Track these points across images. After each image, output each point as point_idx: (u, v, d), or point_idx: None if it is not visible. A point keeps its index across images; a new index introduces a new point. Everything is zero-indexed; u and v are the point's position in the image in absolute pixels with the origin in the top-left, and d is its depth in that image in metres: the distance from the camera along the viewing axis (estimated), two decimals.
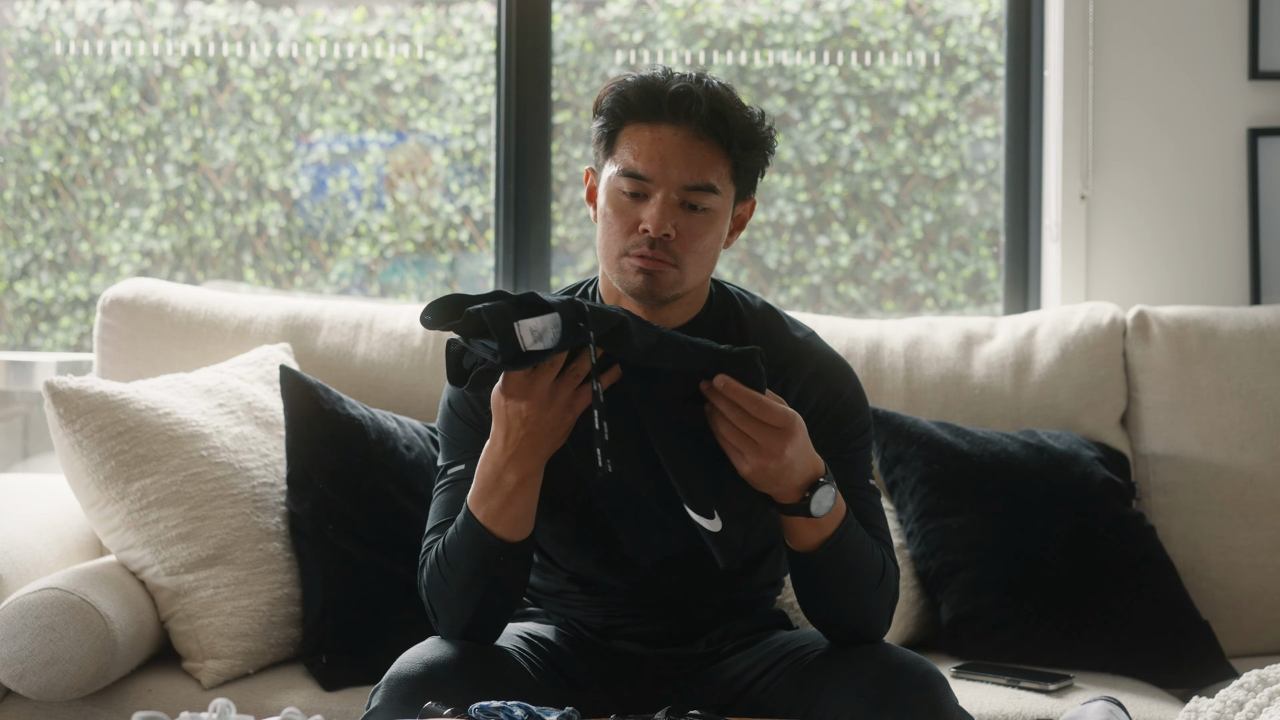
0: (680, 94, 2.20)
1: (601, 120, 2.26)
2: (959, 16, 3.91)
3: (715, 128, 2.21)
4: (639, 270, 2.21)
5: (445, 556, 2.18)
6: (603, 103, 2.26)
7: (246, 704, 2.64)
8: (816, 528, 2.14)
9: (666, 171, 2.20)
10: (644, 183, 2.21)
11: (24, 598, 2.61)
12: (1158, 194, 3.57)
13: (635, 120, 2.23)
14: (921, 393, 3.21)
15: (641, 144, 2.21)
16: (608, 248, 2.24)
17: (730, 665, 2.31)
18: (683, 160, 2.20)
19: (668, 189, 2.20)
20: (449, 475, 2.28)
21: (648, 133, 2.22)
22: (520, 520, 2.14)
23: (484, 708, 1.92)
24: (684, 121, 2.21)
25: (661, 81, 2.23)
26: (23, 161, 3.90)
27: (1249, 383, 3.21)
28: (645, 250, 2.20)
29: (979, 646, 2.92)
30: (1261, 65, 3.54)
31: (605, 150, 2.27)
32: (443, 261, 3.97)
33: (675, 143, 2.21)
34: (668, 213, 2.20)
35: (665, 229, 2.19)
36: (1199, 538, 3.15)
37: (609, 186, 2.24)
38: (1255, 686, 2.19)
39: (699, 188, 2.21)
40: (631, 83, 2.24)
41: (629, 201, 2.22)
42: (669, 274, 2.22)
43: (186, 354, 3.15)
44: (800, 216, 3.92)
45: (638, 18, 3.93)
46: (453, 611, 2.19)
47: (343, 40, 3.91)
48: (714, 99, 2.21)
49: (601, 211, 2.25)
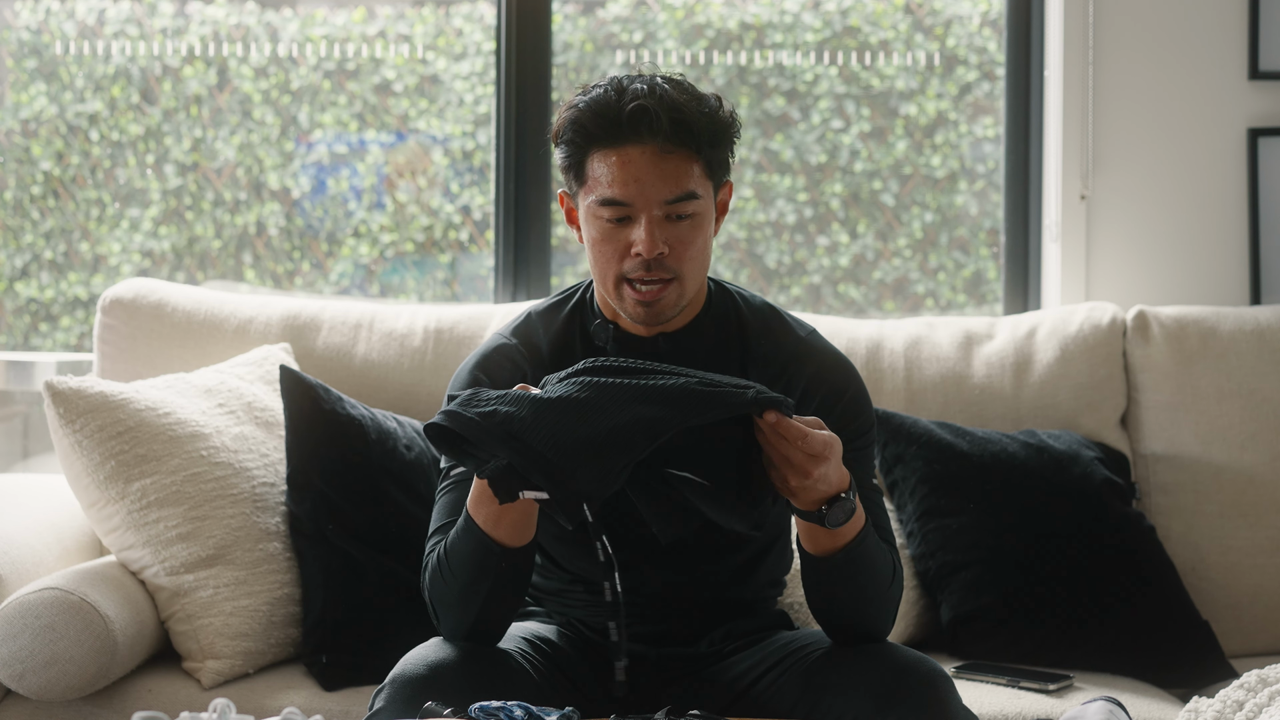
0: (637, 114, 2.17)
1: (564, 150, 2.23)
2: (959, 16, 3.91)
3: (680, 138, 2.18)
4: (638, 303, 2.21)
5: (447, 560, 2.17)
6: (562, 133, 2.23)
7: (246, 704, 2.64)
8: (832, 536, 2.13)
9: (644, 192, 2.18)
10: (624, 207, 2.19)
11: (24, 598, 2.61)
12: (1158, 194, 3.57)
13: (598, 146, 2.20)
14: (921, 393, 3.21)
15: (612, 169, 2.19)
16: (603, 274, 2.23)
17: (732, 665, 2.30)
18: (657, 177, 2.18)
19: (650, 208, 2.18)
20: (452, 476, 2.28)
21: (615, 156, 2.19)
22: (519, 526, 2.13)
23: (484, 708, 1.92)
24: (648, 138, 2.17)
25: (615, 102, 2.18)
26: (23, 161, 3.90)
27: (1249, 383, 3.21)
28: (643, 275, 2.19)
29: (979, 646, 2.92)
30: (1261, 65, 3.54)
31: (575, 179, 2.24)
32: (443, 261, 3.97)
33: (645, 161, 2.18)
34: (656, 232, 2.18)
35: (658, 249, 2.18)
36: (1199, 538, 3.15)
37: (590, 215, 2.23)
38: (1255, 686, 2.19)
39: (680, 198, 2.19)
40: (584, 108, 2.20)
41: (614, 227, 2.21)
42: (669, 295, 2.21)
43: (186, 354, 3.15)
44: (800, 216, 3.92)
45: (638, 18, 3.93)
46: (455, 614, 2.18)
47: (343, 40, 3.91)
48: (672, 110, 2.17)
49: (589, 239, 2.24)
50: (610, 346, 2.29)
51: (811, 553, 2.16)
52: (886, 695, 2.10)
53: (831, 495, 2.08)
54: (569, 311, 2.36)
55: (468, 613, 2.17)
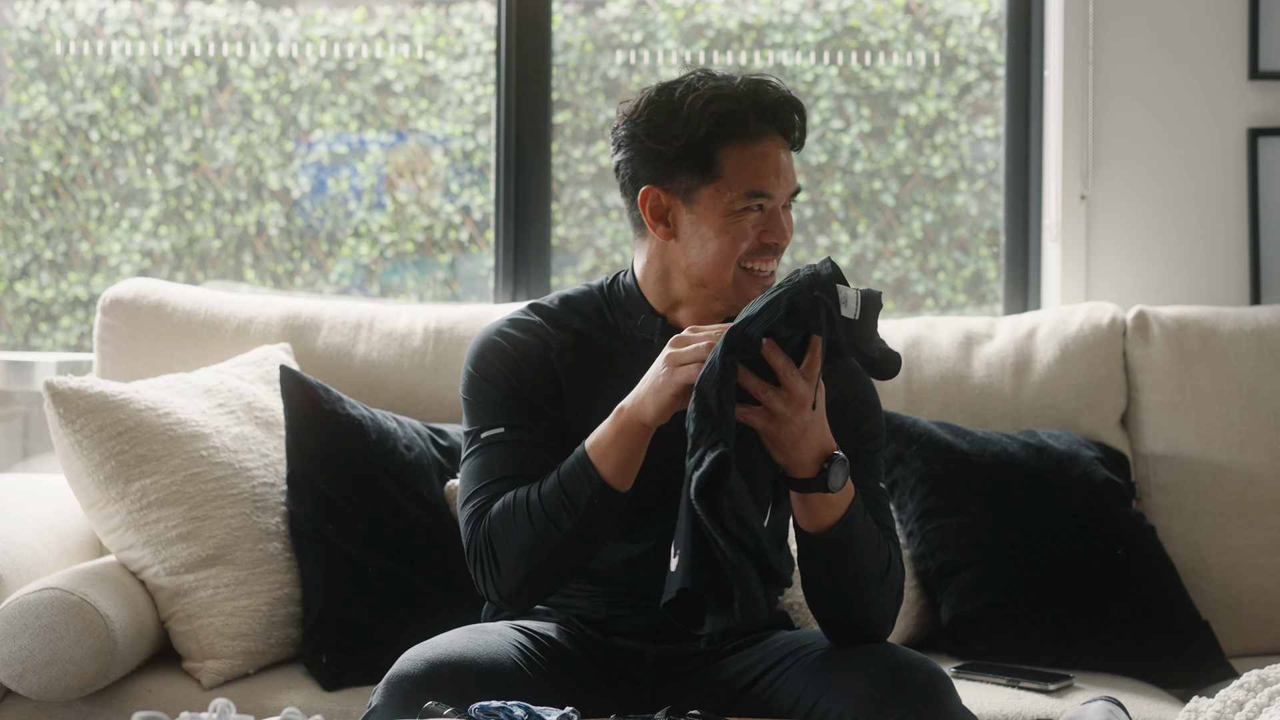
0: (784, 107, 2.25)
1: (682, 140, 2.23)
2: (959, 16, 3.91)
3: (800, 134, 2.28)
4: (758, 288, 2.25)
5: (540, 496, 2.18)
6: (691, 121, 2.22)
7: (246, 704, 2.64)
8: (830, 506, 2.16)
9: (781, 184, 2.26)
10: (766, 199, 2.25)
11: (24, 598, 2.61)
12: (1158, 194, 3.57)
13: (739, 139, 2.24)
14: (921, 393, 3.21)
15: (756, 162, 2.24)
16: (720, 266, 2.25)
17: (732, 664, 2.31)
18: (788, 170, 2.27)
19: (779, 200, 2.26)
20: (482, 439, 2.27)
21: (756, 149, 2.24)
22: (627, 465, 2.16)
23: (484, 707, 1.92)
24: (781, 135, 2.26)
25: (754, 95, 2.24)
26: (23, 161, 3.90)
27: (1249, 383, 3.21)
28: (769, 262, 2.26)
29: (979, 646, 2.92)
30: (1261, 65, 3.54)
31: (697, 171, 2.24)
32: (443, 261, 3.97)
33: (779, 154, 2.26)
34: (787, 222, 2.27)
35: (789, 238, 2.27)
36: (1199, 538, 3.15)
37: (718, 206, 2.24)
38: (1255, 686, 2.19)
39: (796, 191, 2.29)
40: (722, 99, 2.23)
41: (739, 218, 2.25)
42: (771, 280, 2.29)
43: (186, 354, 3.15)
44: (800, 216, 3.92)
45: (638, 18, 3.93)
46: (527, 556, 2.18)
47: (343, 40, 3.91)
48: (799, 109, 2.27)
49: (715, 231, 2.24)
50: (658, 340, 2.30)
51: (811, 531, 2.18)
52: (886, 695, 2.10)
53: (825, 454, 2.13)
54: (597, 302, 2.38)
55: (540, 554, 2.17)
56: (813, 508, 2.17)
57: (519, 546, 2.18)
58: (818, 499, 2.15)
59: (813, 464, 2.13)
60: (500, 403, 2.27)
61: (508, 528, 2.19)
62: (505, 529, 2.19)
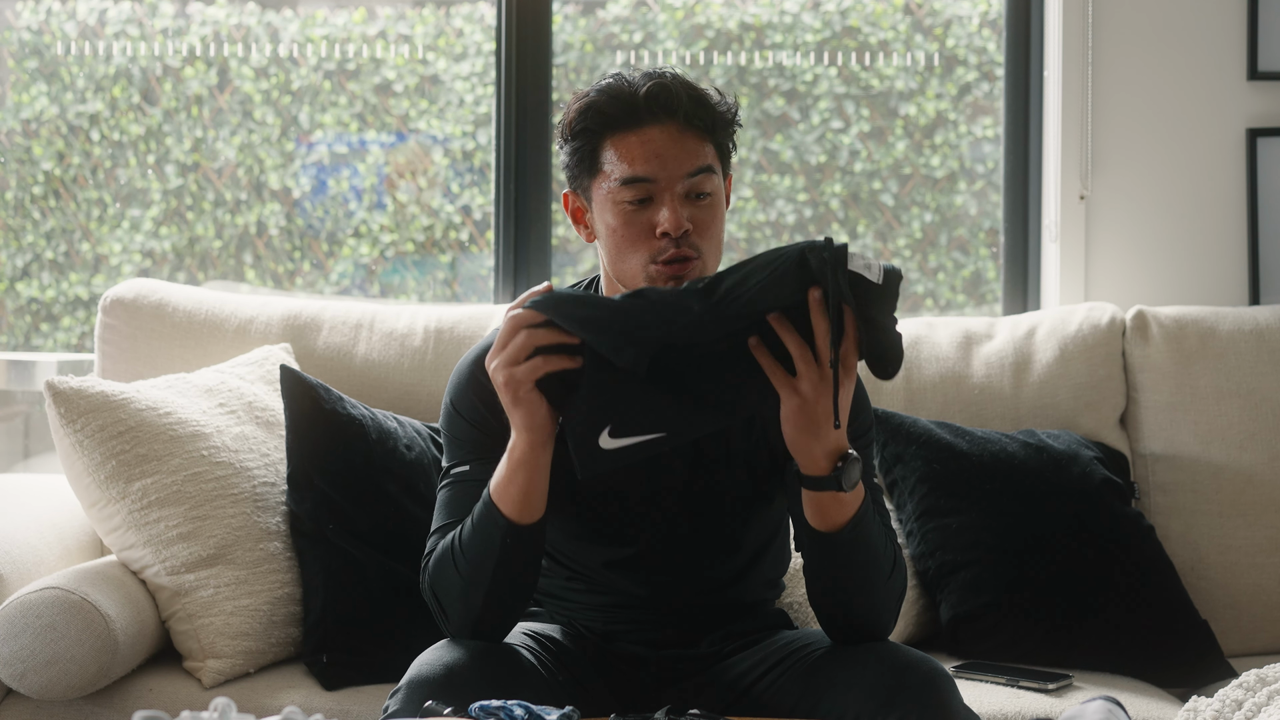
0: (657, 92, 2.21)
1: (575, 142, 2.25)
2: (958, 17, 3.92)
3: (699, 115, 2.22)
4: (669, 279, 2.20)
5: (460, 544, 2.17)
6: (574, 123, 2.25)
7: (247, 703, 2.64)
8: (842, 505, 2.15)
9: (666, 167, 2.21)
10: (648, 185, 2.21)
11: (25, 597, 2.61)
12: (1157, 194, 3.57)
13: (615, 130, 2.22)
14: (921, 393, 3.21)
15: (632, 149, 2.21)
16: (625, 263, 2.23)
17: (733, 665, 2.31)
18: (678, 153, 2.21)
19: (672, 185, 2.21)
20: (452, 475, 2.28)
21: (634, 138, 2.22)
22: (527, 499, 2.12)
23: (484, 707, 1.92)
24: (666, 118, 2.22)
25: (630, 87, 2.23)
26: (24, 162, 3.90)
27: (1248, 383, 3.22)
28: (671, 253, 2.20)
29: (978, 646, 2.92)
30: (1261, 65, 3.55)
31: (588, 170, 2.25)
32: (443, 261, 3.97)
33: (665, 139, 2.21)
34: (679, 208, 2.20)
35: (683, 225, 2.19)
36: (1198, 537, 3.15)
37: (609, 201, 2.23)
38: (1254, 686, 2.19)
39: (700, 171, 2.22)
40: (599, 95, 2.24)
41: (634, 210, 2.22)
42: (693, 269, 2.22)
43: (187, 354, 3.16)
44: (800, 216, 3.93)
45: (638, 18, 3.93)
46: (462, 605, 2.18)
47: (343, 40, 3.91)
48: (689, 89, 2.23)
49: (608, 229, 2.24)
50: None
51: (821, 530, 2.17)
52: (887, 694, 2.10)
53: (839, 452, 2.11)
54: None
55: (474, 600, 2.16)
56: (825, 507, 2.16)
57: (456, 592, 2.19)
58: (830, 498, 2.14)
59: (827, 461, 2.12)
60: (472, 438, 2.26)
61: (445, 575, 2.20)
62: (443, 577, 2.20)
